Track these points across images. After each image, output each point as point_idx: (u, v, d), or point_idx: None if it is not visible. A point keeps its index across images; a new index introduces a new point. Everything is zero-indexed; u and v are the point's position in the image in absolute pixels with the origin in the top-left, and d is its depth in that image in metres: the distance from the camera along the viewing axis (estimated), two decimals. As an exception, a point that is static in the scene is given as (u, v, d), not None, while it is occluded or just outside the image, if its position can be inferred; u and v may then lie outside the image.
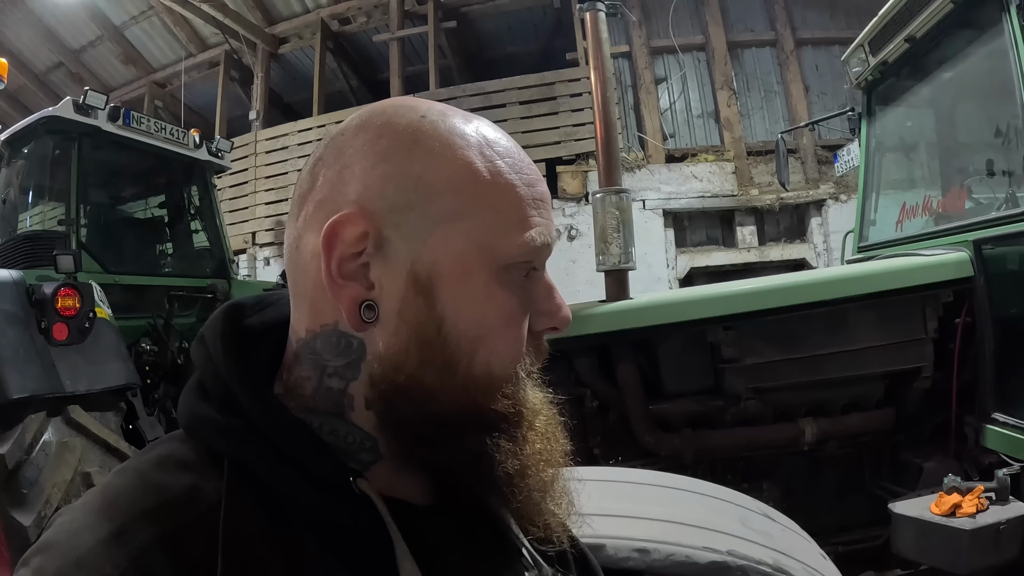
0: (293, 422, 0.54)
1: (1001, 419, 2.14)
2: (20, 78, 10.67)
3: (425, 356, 0.55)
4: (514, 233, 0.57)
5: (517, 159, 0.60)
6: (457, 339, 0.55)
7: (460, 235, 0.55)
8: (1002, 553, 1.81)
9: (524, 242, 0.57)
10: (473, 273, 0.56)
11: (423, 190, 0.55)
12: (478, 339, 0.56)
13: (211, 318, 0.62)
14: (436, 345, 0.55)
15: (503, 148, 0.59)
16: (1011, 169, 2.36)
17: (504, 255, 0.56)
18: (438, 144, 0.56)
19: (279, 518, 0.51)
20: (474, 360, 0.56)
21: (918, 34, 2.69)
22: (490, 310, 0.56)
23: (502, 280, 0.57)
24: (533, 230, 0.58)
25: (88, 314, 3.24)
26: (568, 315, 0.62)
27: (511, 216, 0.57)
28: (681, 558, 1.08)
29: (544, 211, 0.60)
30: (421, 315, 0.55)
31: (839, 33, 8.14)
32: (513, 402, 0.58)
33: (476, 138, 0.58)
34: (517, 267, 0.58)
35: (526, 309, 0.59)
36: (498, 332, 0.57)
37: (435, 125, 0.57)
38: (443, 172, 0.55)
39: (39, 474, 2.84)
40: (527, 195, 0.58)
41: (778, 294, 2.29)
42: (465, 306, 0.55)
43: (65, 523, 0.50)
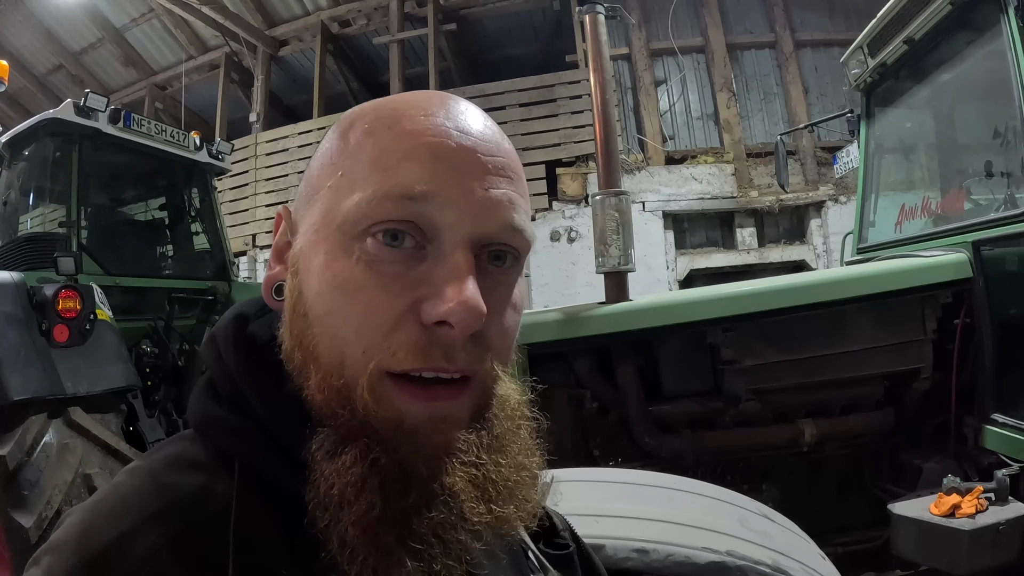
0: (301, 423, 0.53)
1: (1000, 420, 2.15)
2: (21, 80, 10.69)
3: (290, 331, 0.54)
4: (356, 192, 0.51)
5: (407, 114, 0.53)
6: (306, 313, 0.53)
7: (316, 207, 0.55)
8: (1001, 553, 1.82)
9: (364, 199, 0.50)
10: (319, 243, 0.53)
11: (308, 176, 0.58)
12: (321, 316, 0.51)
13: (222, 318, 0.62)
14: (296, 317, 0.54)
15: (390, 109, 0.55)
16: (1010, 170, 2.37)
17: (345, 219, 0.51)
18: (331, 131, 0.58)
19: (289, 518, 0.51)
20: (323, 340, 0.51)
21: (917, 36, 2.70)
22: (329, 283, 0.51)
23: (350, 249, 0.51)
24: (386, 184, 0.50)
25: (89, 316, 3.24)
26: (470, 306, 0.48)
27: (356, 175, 0.52)
28: (680, 558, 1.08)
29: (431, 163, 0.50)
30: (291, 290, 0.56)
31: (838, 35, 8.16)
32: (355, 408, 0.49)
33: (364, 110, 0.57)
34: (371, 231, 0.50)
35: (393, 288, 0.50)
36: (339, 310, 0.50)
37: (346, 114, 0.59)
38: (317, 155, 0.58)
39: (40, 476, 2.84)
40: (395, 148, 0.51)
41: (777, 296, 2.29)
42: (309, 279, 0.53)
43: (76, 523, 0.49)
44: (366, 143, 0.53)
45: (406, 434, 0.50)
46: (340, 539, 0.48)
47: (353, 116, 0.57)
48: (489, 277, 0.53)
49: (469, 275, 0.49)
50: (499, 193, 0.52)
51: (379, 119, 0.54)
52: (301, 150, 8.86)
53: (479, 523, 0.50)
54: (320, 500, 0.49)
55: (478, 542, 0.51)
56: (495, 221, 0.52)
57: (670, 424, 2.36)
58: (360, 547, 0.48)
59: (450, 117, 0.53)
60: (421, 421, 0.50)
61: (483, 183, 0.52)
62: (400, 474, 0.49)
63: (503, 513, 0.52)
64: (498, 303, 0.53)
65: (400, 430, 0.50)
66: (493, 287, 0.53)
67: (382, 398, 0.49)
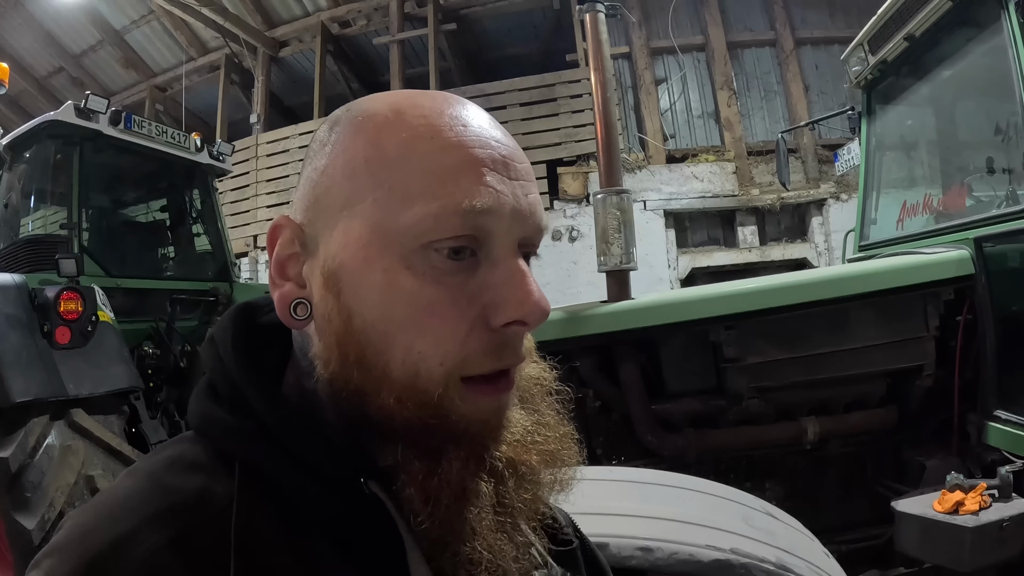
0: (303, 424, 0.54)
1: (1003, 416, 2.14)
2: (21, 83, 10.70)
3: (342, 351, 0.53)
4: (416, 207, 0.51)
5: (440, 124, 0.53)
6: (366, 332, 0.52)
7: (356, 221, 0.53)
8: (1005, 550, 1.81)
9: (430, 215, 0.50)
10: (373, 260, 0.52)
11: (325, 183, 0.55)
12: (389, 334, 0.51)
13: (221, 319, 0.61)
14: (347, 340, 0.52)
15: (419, 116, 0.54)
16: (1011, 166, 2.36)
17: (407, 234, 0.51)
18: (343, 133, 0.56)
19: (290, 519, 0.51)
20: (391, 358, 0.51)
21: (917, 32, 2.69)
22: (394, 300, 0.51)
23: (414, 265, 0.51)
24: (449, 200, 0.50)
25: (90, 318, 3.25)
26: (540, 305, 0.52)
27: (410, 188, 0.51)
28: (684, 556, 1.08)
29: (483, 176, 0.52)
30: (331, 309, 0.53)
31: (838, 32, 8.15)
32: (438, 414, 0.51)
33: (384, 115, 0.55)
34: (435, 246, 0.51)
35: (461, 299, 0.51)
36: (413, 326, 0.51)
37: (350, 114, 0.57)
38: (339, 160, 0.55)
39: (42, 478, 2.84)
40: (442, 160, 0.52)
41: (779, 293, 2.29)
42: (368, 297, 0.52)
43: (76, 526, 0.49)
44: (412, 155, 0.52)
45: (488, 427, 0.54)
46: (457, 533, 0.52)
47: (377, 122, 0.54)
48: None
49: (529, 276, 0.53)
50: (533, 198, 0.56)
51: (415, 129, 0.53)
52: (302, 151, 8.85)
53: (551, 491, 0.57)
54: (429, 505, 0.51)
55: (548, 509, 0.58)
56: (533, 224, 0.55)
57: (673, 422, 2.36)
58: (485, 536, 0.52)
59: (482, 126, 0.54)
60: (493, 412, 0.54)
61: (523, 189, 0.54)
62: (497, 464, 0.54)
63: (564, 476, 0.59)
64: None
65: (485, 426, 0.53)
66: None
67: (466, 400, 0.52)
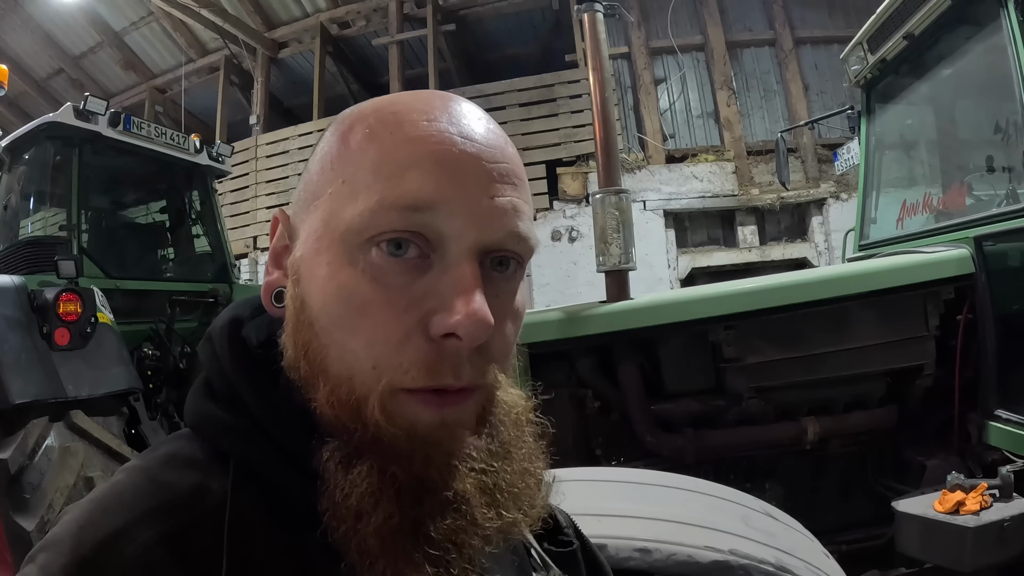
0: (296, 422, 0.53)
1: (1004, 416, 2.14)
2: (21, 84, 10.71)
3: (295, 341, 0.53)
4: (359, 201, 0.50)
5: (408, 119, 0.51)
6: (312, 323, 0.52)
7: (316, 214, 0.54)
8: (1006, 550, 1.81)
9: (368, 208, 0.49)
10: (321, 252, 0.52)
11: (306, 178, 0.57)
12: (328, 330, 0.51)
13: (219, 317, 0.62)
14: (300, 331, 0.53)
15: (390, 112, 0.53)
16: (1011, 165, 2.36)
17: (347, 228, 0.50)
18: (330, 132, 0.57)
19: (284, 517, 0.51)
20: (329, 354, 0.51)
21: (917, 31, 2.69)
22: (334, 295, 0.50)
23: (356, 260, 0.50)
24: (389, 193, 0.49)
25: (90, 319, 3.24)
26: (478, 318, 0.48)
27: (358, 182, 0.50)
28: (683, 558, 1.07)
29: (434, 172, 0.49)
30: (290, 297, 0.55)
31: (838, 31, 8.15)
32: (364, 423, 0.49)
33: (363, 112, 0.55)
34: (376, 242, 0.49)
35: (400, 301, 0.49)
36: (347, 324, 0.50)
37: (344, 114, 0.58)
38: (317, 156, 0.57)
39: (42, 479, 2.84)
40: (398, 155, 0.50)
41: (779, 293, 2.29)
42: (312, 288, 0.52)
43: (71, 520, 0.49)
44: (368, 148, 0.51)
45: (419, 442, 0.49)
46: (359, 549, 0.48)
47: (353, 118, 0.55)
48: (492, 284, 0.52)
49: (476, 287, 0.49)
50: (504, 201, 0.51)
51: (380, 123, 0.52)
52: (301, 152, 8.86)
53: (489, 527, 0.51)
54: (335, 511, 0.49)
55: (488, 546, 0.51)
56: (501, 229, 0.51)
57: (672, 423, 2.35)
58: (380, 556, 0.48)
59: (453, 122, 0.52)
60: (433, 428, 0.50)
61: (488, 191, 0.51)
62: (414, 483, 0.49)
63: (511, 518, 0.53)
64: (501, 312, 0.52)
65: (413, 439, 0.49)
66: (496, 294, 0.52)
67: (393, 413, 0.49)
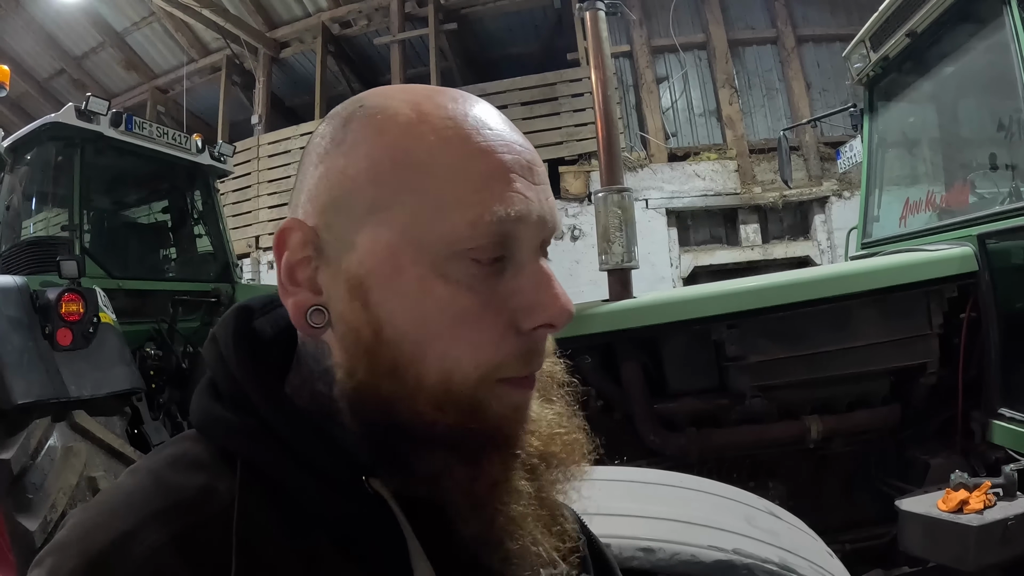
0: (304, 421, 0.53)
1: (1008, 414, 2.13)
2: (22, 85, 10.72)
3: (371, 361, 0.52)
4: (450, 215, 0.50)
5: (467, 127, 0.52)
6: (399, 342, 0.51)
7: (385, 227, 0.51)
8: (1010, 549, 1.80)
9: (464, 223, 0.50)
10: (404, 268, 0.51)
11: (347, 185, 0.53)
12: (423, 343, 0.51)
13: (223, 317, 0.61)
14: (378, 349, 0.51)
15: (446, 119, 0.52)
16: (1014, 163, 2.35)
17: (440, 243, 0.50)
18: (362, 132, 0.53)
19: (292, 517, 0.51)
20: (424, 366, 0.51)
21: (919, 29, 2.68)
22: (429, 309, 0.50)
23: (447, 273, 0.50)
24: (482, 208, 0.50)
25: (92, 319, 3.24)
26: (567, 308, 0.53)
27: (443, 195, 0.50)
28: (686, 557, 1.07)
29: (508, 182, 0.51)
30: (358, 318, 0.52)
31: (840, 29, 8.12)
32: (476, 417, 0.51)
33: (407, 115, 0.52)
34: (468, 255, 0.51)
35: (493, 304, 0.51)
36: (448, 334, 0.50)
37: (366, 112, 0.54)
38: (363, 162, 0.52)
39: (44, 479, 2.84)
40: (475, 166, 0.51)
41: (782, 291, 2.28)
42: (400, 305, 0.51)
43: (78, 523, 0.49)
44: (442, 160, 0.51)
45: (520, 423, 0.54)
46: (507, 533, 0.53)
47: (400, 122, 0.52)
48: None
49: (554, 278, 0.53)
50: (552, 200, 0.56)
51: (441, 132, 0.51)
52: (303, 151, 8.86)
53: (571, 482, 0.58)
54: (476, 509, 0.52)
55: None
56: (552, 226, 0.55)
57: (675, 422, 2.35)
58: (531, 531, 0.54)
59: (504, 129, 0.54)
60: (524, 407, 0.55)
61: (543, 192, 0.54)
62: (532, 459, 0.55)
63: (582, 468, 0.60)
64: None
65: (518, 422, 0.54)
66: None
67: (501, 400, 0.53)
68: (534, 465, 0.55)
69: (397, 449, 0.53)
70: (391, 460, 0.53)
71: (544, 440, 0.56)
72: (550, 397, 0.61)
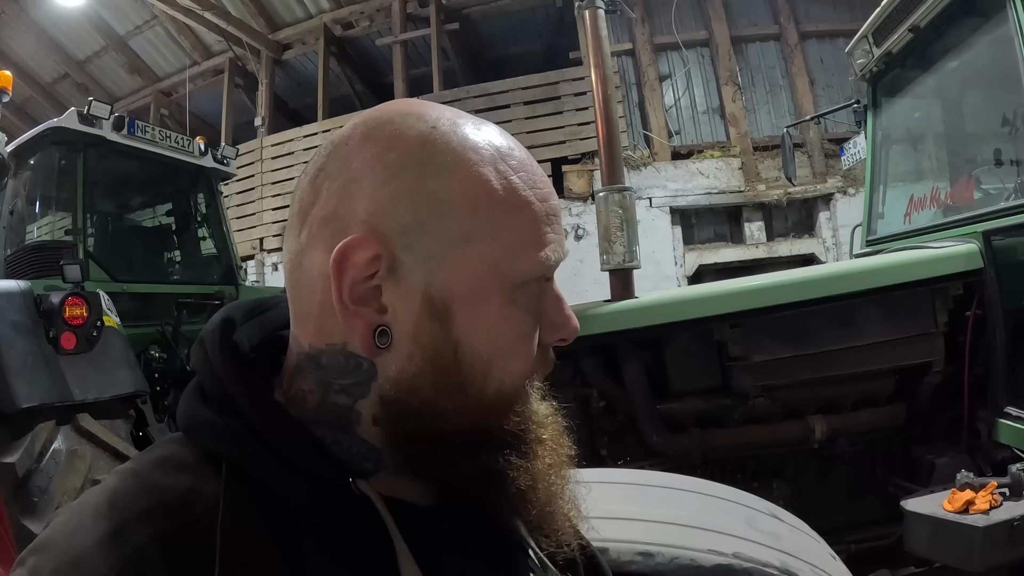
0: (291, 424, 0.54)
1: (1014, 413, 2.11)
2: (26, 90, 10.76)
3: (440, 379, 0.54)
4: (530, 252, 0.56)
5: (531, 172, 0.58)
6: (472, 361, 0.55)
7: (476, 256, 0.54)
8: (1016, 550, 1.78)
9: (539, 261, 0.57)
10: (490, 295, 0.55)
11: (437, 209, 0.53)
12: (492, 360, 0.55)
13: (210, 321, 0.61)
14: (451, 369, 0.54)
15: (517, 161, 0.58)
16: (1019, 158, 2.33)
17: (520, 275, 0.56)
18: (451, 159, 0.54)
19: (278, 519, 0.51)
20: (487, 380, 0.56)
21: (922, 23, 2.66)
22: (504, 331, 0.56)
23: (516, 299, 0.56)
24: (548, 248, 0.57)
25: (96, 323, 3.25)
26: (576, 326, 0.62)
27: (526, 235, 0.56)
28: (686, 561, 1.06)
29: (557, 226, 0.59)
30: (437, 340, 0.54)
31: (843, 25, 8.07)
32: (523, 418, 0.59)
33: (490, 151, 0.56)
34: (531, 284, 0.57)
35: (536, 324, 0.59)
36: (511, 351, 0.57)
37: (447, 137, 0.55)
38: (457, 190, 0.54)
39: (49, 482, 2.85)
40: (541, 211, 0.57)
41: (785, 290, 2.27)
42: (481, 329, 0.55)
43: (62, 523, 0.50)
44: (523, 203, 0.56)
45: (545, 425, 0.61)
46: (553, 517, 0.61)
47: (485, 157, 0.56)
48: None
49: (564, 300, 0.62)
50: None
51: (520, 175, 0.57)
52: (306, 153, 8.85)
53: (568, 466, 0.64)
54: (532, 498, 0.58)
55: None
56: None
57: (678, 422, 2.34)
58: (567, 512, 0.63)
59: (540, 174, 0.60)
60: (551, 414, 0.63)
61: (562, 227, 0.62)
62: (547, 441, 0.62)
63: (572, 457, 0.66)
64: None
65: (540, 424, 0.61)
66: None
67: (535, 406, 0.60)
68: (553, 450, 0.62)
69: (436, 454, 0.56)
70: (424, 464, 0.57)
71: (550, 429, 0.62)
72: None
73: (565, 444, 0.64)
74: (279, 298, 0.64)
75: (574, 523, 0.66)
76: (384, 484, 0.55)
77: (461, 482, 0.57)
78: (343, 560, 0.51)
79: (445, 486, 0.58)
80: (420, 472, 0.57)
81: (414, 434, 0.55)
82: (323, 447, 0.54)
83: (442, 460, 0.56)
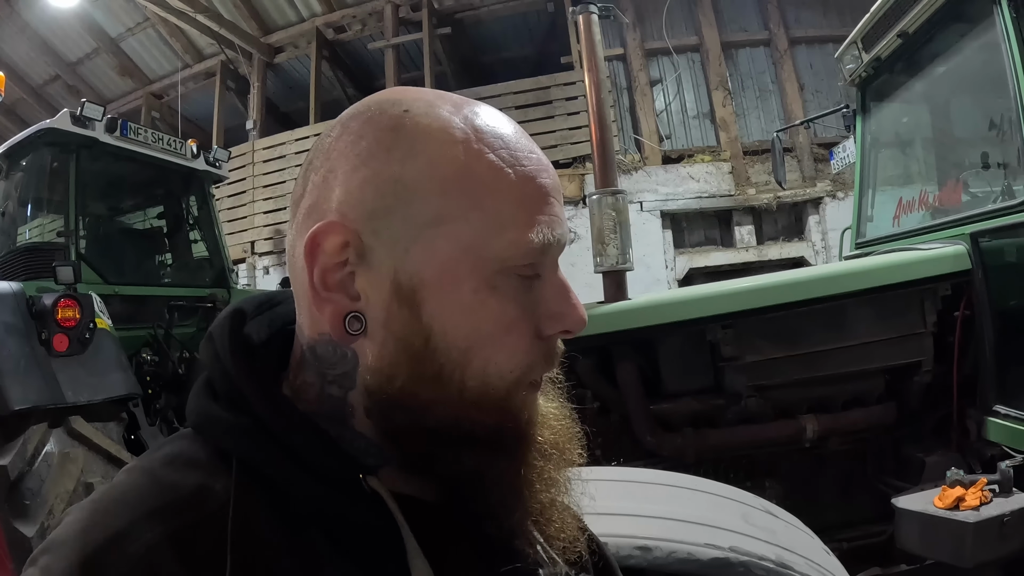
0: (301, 421, 0.54)
1: (1003, 411, 2.14)
2: (17, 91, 10.69)
3: (415, 368, 0.53)
4: (507, 233, 0.53)
5: (515, 149, 0.55)
6: (447, 350, 0.53)
7: (444, 240, 0.52)
8: (1006, 545, 1.81)
9: (522, 242, 0.53)
10: (461, 280, 0.53)
11: (402, 193, 0.53)
12: (470, 350, 0.53)
13: (219, 317, 0.61)
14: (425, 357, 0.53)
15: (497, 138, 0.55)
16: (1006, 161, 2.36)
17: (496, 259, 0.53)
18: (419, 141, 0.53)
19: (288, 516, 0.51)
20: (468, 372, 0.53)
21: (911, 29, 2.69)
22: (483, 319, 0.53)
23: (497, 285, 0.53)
24: (535, 229, 0.54)
25: (88, 325, 3.24)
26: (583, 316, 0.58)
27: (502, 215, 0.53)
28: (683, 555, 1.08)
29: (549, 206, 0.55)
30: (407, 326, 0.53)
31: (832, 31, 8.15)
32: (512, 416, 0.56)
33: (463, 130, 0.54)
34: (515, 270, 0.54)
35: (529, 314, 0.55)
36: (493, 342, 0.54)
37: (416, 120, 0.54)
38: (424, 172, 0.53)
39: (41, 485, 2.84)
40: (525, 189, 0.54)
41: (776, 291, 2.29)
42: (454, 316, 0.53)
43: (73, 521, 0.50)
44: (501, 181, 0.54)
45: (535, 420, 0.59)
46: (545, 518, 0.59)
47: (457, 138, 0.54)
48: None
49: (571, 289, 0.58)
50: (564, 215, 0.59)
51: (497, 153, 0.54)
52: (298, 156, 8.83)
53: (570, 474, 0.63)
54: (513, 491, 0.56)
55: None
56: (567, 240, 0.59)
57: (672, 423, 2.35)
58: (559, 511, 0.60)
59: (536, 148, 0.58)
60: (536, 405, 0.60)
61: (563, 210, 0.58)
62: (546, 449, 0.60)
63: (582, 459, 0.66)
64: None
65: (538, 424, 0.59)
66: None
67: (528, 402, 0.58)
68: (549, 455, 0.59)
69: (425, 450, 0.55)
70: (416, 461, 0.56)
71: (554, 432, 0.61)
72: (547, 393, 0.63)
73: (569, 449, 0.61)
74: (288, 293, 0.64)
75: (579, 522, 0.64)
76: (393, 480, 0.55)
77: (454, 480, 0.56)
78: (353, 556, 0.52)
79: (441, 483, 0.58)
80: (414, 468, 0.57)
81: (403, 428, 0.54)
82: (332, 443, 0.54)
83: (433, 457, 0.55)
